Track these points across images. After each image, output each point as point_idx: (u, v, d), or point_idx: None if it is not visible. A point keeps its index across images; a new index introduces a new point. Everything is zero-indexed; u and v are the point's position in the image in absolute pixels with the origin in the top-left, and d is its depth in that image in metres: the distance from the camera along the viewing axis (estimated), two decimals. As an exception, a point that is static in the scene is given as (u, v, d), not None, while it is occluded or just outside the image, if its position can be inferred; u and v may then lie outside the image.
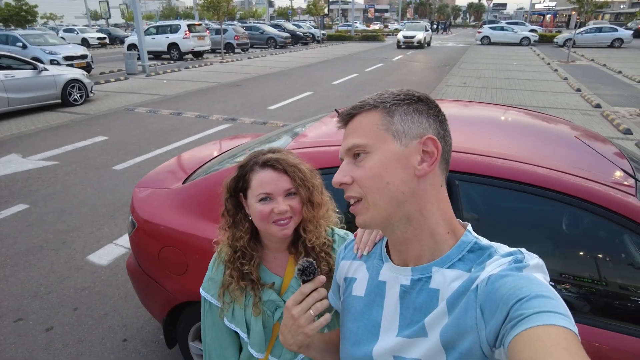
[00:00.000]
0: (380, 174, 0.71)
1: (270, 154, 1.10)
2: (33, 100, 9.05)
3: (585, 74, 14.59)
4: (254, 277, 1.13)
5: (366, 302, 0.83)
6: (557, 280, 1.51)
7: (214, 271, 1.20)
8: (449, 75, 14.07)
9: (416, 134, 0.71)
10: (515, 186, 1.50)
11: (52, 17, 54.58)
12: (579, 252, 1.63)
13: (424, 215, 0.72)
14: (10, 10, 26.85)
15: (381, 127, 0.71)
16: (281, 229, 1.07)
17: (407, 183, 0.70)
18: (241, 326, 1.17)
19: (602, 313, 1.52)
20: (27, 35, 14.61)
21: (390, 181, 0.70)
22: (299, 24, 35.74)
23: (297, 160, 1.11)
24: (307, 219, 1.11)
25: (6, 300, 3.14)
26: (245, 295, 1.15)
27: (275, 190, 1.06)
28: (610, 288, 1.52)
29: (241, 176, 1.11)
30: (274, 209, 1.05)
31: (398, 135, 0.71)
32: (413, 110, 0.72)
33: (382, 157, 0.71)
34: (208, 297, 1.20)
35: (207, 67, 17.15)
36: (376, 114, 0.72)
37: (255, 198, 1.07)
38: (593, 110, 9.08)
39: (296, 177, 1.07)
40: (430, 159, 0.70)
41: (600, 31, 26.40)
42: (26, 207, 4.65)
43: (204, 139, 7.12)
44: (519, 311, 0.55)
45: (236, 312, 1.17)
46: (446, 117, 0.75)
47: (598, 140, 2.09)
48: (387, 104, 0.72)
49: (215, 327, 1.22)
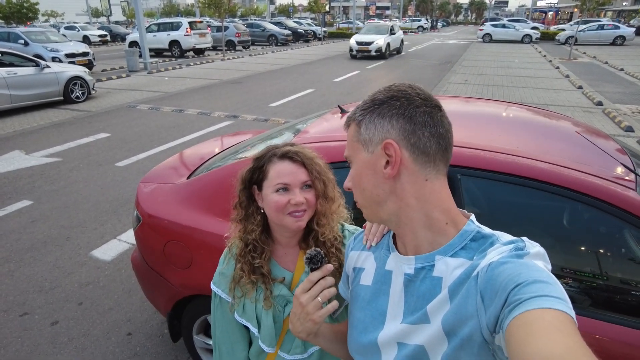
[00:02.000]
0: (357, 182, 0.79)
1: (289, 146, 1.12)
2: (35, 98, 9.08)
3: (587, 72, 14.56)
4: (264, 270, 1.14)
5: (373, 290, 0.85)
6: (558, 275, 1.53)
7: (225, 266, 1.21)
8: (451, 73, 14.05)
9: (378, 139, 0.74)
10: (517, 180, 1.52)
11: (53, 14, 54.57)
12: (579, 245, 1.65)
13: (410, 208, 0.75)
14: (12, 8, 26.86)
15: (354, 139, 0.78)
16: (295, 220, 1.08)
17: (380, 186, 0.75)
18: (252, 321, 1.17)
19: (600, 305, 1.53)
20: (28, 33, 14.65)
21: (365, 187, 0.78)
22: (300, 21, 35.70)
23: (313, 154, 1.12)
24: (321, 213, 1.12)
25: (12, 295, 3.17)
26: (256, 289, 1.16)
27: (292, 181, 1.07)
28: (609, 281, 1.54)
29: (257, 167, 1.12)
30: (290, 200, 1.06)
31: (365, 144, 0.76)
32: (376, 116, 0.74)
33: (357, 166, 0.78)
34: (219, 292, 1.21)
35: (208, 65, 17.15)
36: (353, 126, 0.78)
37: (272, 188, 1.08)
38: (595, 107, 9.08)
39: (313, 170, 1.08)
40: (392, 162, 0.73)
41: (602, 28, 26.31)
42: (30, 204, 4.68)
43: (206, 136, 7.14)
44: (516, 296, 0.57)
45: (247, 306, 1.17)
46: (430, 106, 0.73)
47: (599, 136, 2.10)
48: (357, 116, 0.77)
49: (225, 322, 1.23)
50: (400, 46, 21.89)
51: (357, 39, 19.47)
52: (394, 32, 20.65)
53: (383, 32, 19.95)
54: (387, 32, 19.97)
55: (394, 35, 20.51)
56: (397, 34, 21.13)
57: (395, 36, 20.71)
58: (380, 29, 20.63)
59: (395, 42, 20.72)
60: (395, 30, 20.94)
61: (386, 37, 19.52)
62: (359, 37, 19.66)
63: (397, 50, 21.27)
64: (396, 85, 0.76)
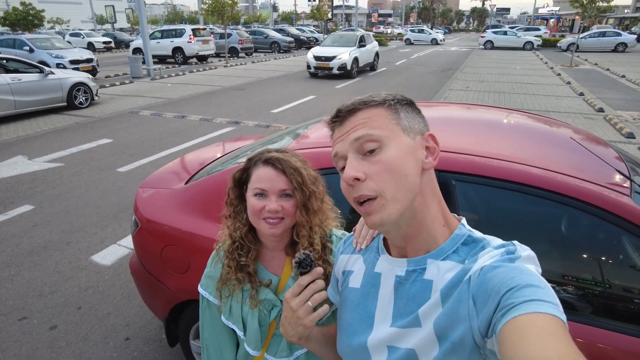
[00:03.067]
0: (399, 166, 0.70)
1: (275, 152, 1.12)
2: (39, 103, 9.15)
3: (589, 78, 14.57)
4: (251, 269, 1.15)
5: (361, 293, 0.86)
6: (552, 280, 1.53)
7: (212, 268, 1.23)
8: (452, 79, 14.09)
9: (419, 130, 0.76)
10: (511, 186, 1.52)
11: (58, 21, 55.14)
12: (573, 251, 1.65)
13: (427, 208, 0.75)
14: (18, 15, 27.15)
15: (391, 121, 0.73)
16: (269, 227, 1.08)
17: (419, 176, 0.73)
18: (238, 324, 1.19)
19: (596, 311, 1.53)
20: (34, 39, 14.80)
21: (408, 173, 0.71)
22: (303, 29, 35.94)
23: (300, 164, 1.10)
24: (300, 224, 1.11)
25: (11, 299, 3.18)
26: (242, 289, 1.17)
27: (269, 188, 1.07)
28: (602, 287, 1.54)
29: (245, 169, 1.14)
30: (265, 206, 1.07)
31: (406, 130, 0.74)
32: (412, 109, 0.77)
33: (399, 149, 0.71)
34: (205, 295, 1.23)
35: (211, 71, 17.26)
36: (382, 110, 0.74)
37: (252, 192, 1.10)
38: (596, 114, 9.07)
39: (294, 180, 1.07)
40: (433, 154, 0.75)
41: (603, 35, 26.37)
42: (31, 208, 4.71)
43: (208, 141, 7.17)
44: (509, 300, 0.57)
45: (233, 309, 1.19)
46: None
47: (596, 142, 2.10)
48: (391, 102, 0.75)
49: (213, 324, 1.24)
50: (375, 61, 17.47)
51: (316, 53, 15.24)
52: (364, 44, 16.29)
53: (350, 44, 15.64)
54: (355, 44, 15.66)
55: (364, 48, 16.20)
56: (369, 46, 16.89)
57: (365, 49, 16.37)
58: (347, 39, 16.18)
59: (366, 56, 16.47)
60: (366, 42, 16.64)
61: (353, 50, 15.26)
62: (318, 51, 15.44)
63: (370, 67, 17.16)
64: (401, 95, 0.79)
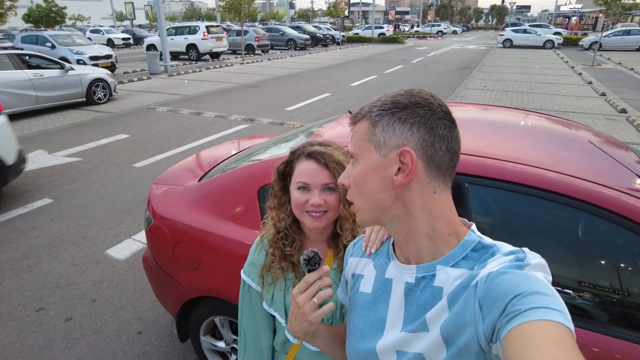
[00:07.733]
0: (361, 182, 0.75)
1: (318, 146, 1.13)
2: (59, 99, 9.37)
3: (611, 78, 14.19)
4: (295, 259, 1.17)
5: (372, 298, 0.85)
6: (567, 287, 1.49)
7: (255, 255, 1.24)
8: (469, 78, 13.89)
9: (395, 144, 0.71)
10: (525, 190, 1.49)
11: (80, 18, 56.23)
12: (589, 258, 1.61)
13: (414, 219, 0.74)
14: (41, 12, 27.81)
15: (365, 138, 0.74)
16: (312, 220, 1.10)
17: (387, 191, 0.73)
18: (280, 311, 1.20)
19: (613, 320, 1.49)
20: (55, 36, 15.13)
21: (369, 190, 0.74)
22: (319, 26, 35.87)
23: (343, 157, 1.11)
24: (344, 217, 1.13)
25: (29, 290, 3.27)
26: (285, 278, 1.18)
27: (312, 182, 1.09)
28: (623, 294, 1.50)
29: (289, 162, 1.15)
30: (309, 199, 1.08)
31: (378, 146, 0.72)
32: (396, 120, 0.71)
33: (364, 166, 0.75)
34: (248, 280, 1.23)
35: (227, 68, 17.39)
36: (365, 124, 0.74)
37: (295, 185, 1.11)
38: (618, 115, 8.83)
39: (336, 174, 1.07)
40: (406, 171, 0.71)
41: (628, 34, 25.63)
42: (50, 202, 4.82)
43: (223, 138, 7.23)
44: (515, 307, 0.57)
45: (275, 296, 1.20)
46: (450, 120, 0.73)
47: (615, 145, 2.05)
48: (373, 115, 0.74)
49: (252, 309, 1.25)
50: None
51: None
52: None
53: None
54: None
55: None
56: None
57: None
58: None
59: None
60: None
61: None
62: None
63: None
64: (418, 91, 0.73)
